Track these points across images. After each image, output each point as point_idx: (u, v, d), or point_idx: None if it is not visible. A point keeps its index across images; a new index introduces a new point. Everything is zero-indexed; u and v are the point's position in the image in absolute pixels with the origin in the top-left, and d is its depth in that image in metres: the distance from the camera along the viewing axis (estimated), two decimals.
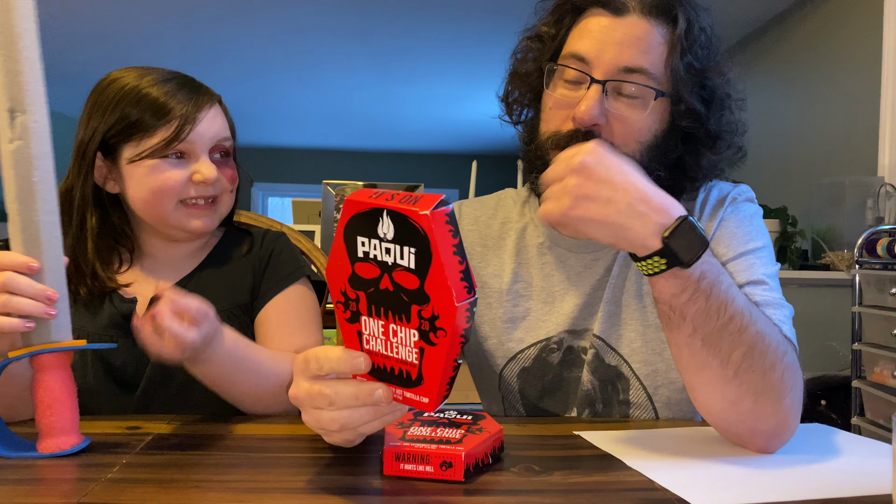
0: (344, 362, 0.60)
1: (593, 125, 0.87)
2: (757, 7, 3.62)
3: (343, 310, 0.61)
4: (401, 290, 0.56)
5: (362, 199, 0.56)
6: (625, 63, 0.86)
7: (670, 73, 0.87)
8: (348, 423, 0.61)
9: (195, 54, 4.67)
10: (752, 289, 0.86)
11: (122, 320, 0.99)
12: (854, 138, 2.98)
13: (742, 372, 0.72)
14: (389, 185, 2.23)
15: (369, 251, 0.57)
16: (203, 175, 0.98)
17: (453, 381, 0.59)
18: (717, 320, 0.71)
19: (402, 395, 0.60)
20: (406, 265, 0.55)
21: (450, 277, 0.54)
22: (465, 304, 0.55)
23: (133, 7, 3.86)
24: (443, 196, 0.54)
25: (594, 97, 0.86)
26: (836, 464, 0.73)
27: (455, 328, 0.55)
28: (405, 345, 0.58)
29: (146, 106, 0.97)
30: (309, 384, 0.62)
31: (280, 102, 6.20)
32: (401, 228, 0.55)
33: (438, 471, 0.65)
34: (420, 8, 3.83)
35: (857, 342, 1.99)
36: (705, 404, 0.78)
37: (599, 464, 0.72)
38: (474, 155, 3.37)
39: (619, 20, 0.87)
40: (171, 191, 0.97)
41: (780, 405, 0.74)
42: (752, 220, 0.95)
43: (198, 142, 0.98)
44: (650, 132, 0.89)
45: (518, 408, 1.02)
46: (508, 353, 1.00)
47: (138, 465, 0.69)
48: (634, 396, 0.96)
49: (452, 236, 0.55)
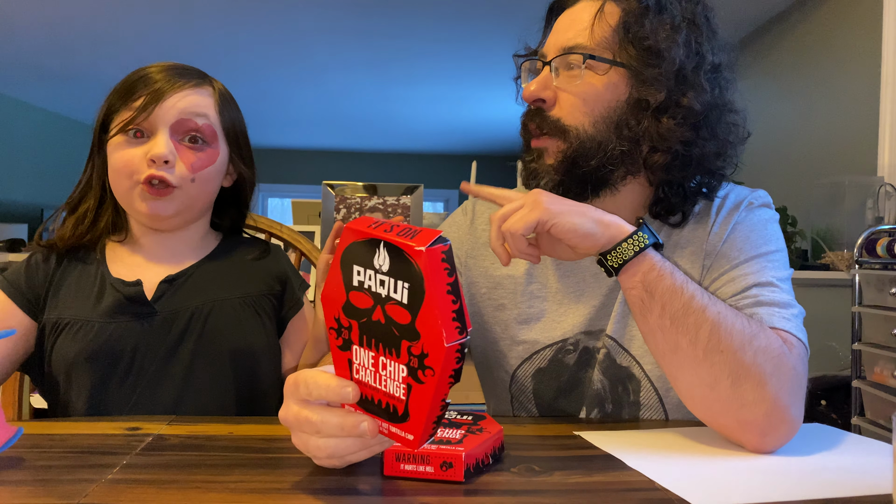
0: (332, 391, 0.60)
1: (537, 100, 0.92)
2: (756, 7, 3.62)
3: (336, 336, 0.60)
4: (392, 324, 0.55)
5: (361, 228, 0.56)
6: (563, 43, 0.91)
7: (618, 44, 0.89)
8: (335, 452, 0.61)
9: (195, 55, 4.66)
10: (760, 290, 0.86)
11: (128, 304, 0.98)
12: (853, 138, 2.98)
13: (710, 352, 0.75)
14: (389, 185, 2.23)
15: (364, 281, 0.56)
16: (154, 152, 0.95)
17: (440, 420, 0.58)
18: (681, 297, 0.77)
19: (388, 430, 0.59)
20: (399, 299, 0.54)
21: (441, 317, 0.52)
22: (456, 346, 0.54)
23: (133, 9, 3.86)
24: (441, 232, 0.53)
25: (540, 77, 0.92)
26: (837, 463, 0.73)
27: (444, 368, 0.54)
28: (394, 379, 0.57)
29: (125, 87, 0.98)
30: (297, 408, 0.62)
31: (280, 103, 6.20)
32: (396, 262, 0.54)
33: (438, 471, 0.65)
34: (420, 9, 3.83)
35: (856, 342, 1.99)
36: (688, 392, 0.79)
37: (600, 464, 0.72)
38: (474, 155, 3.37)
39: (571, 10, 0.93)
40: (125, 169, 0.96)
41: (763, 391, 0.75)
42: (766, 225, 0.95)
43: (158, 119, 0.96)
44: (602, 103, 0.89)
45: (530, 408, 1.01)
46: (523, 353, 1.00)
47: (138, 465, 0.69)
48: (645, 398, 0.96)
49: (448, 275, 0.53)
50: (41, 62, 4.92)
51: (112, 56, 4.68)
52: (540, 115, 0.92)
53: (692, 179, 0.93)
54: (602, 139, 0.89)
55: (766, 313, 0.83)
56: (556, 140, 0.90)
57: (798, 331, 0.83)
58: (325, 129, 7.33)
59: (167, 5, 3.82)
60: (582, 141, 0.89)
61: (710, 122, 0.90)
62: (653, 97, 0.87)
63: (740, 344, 0.75)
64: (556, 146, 0.91)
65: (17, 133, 6.02)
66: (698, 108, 0.88)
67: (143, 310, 0.98)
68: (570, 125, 0.90)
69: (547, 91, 0.91)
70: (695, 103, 0.87)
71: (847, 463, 0.74)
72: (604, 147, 0.89)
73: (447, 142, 7.85)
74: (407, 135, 7.56)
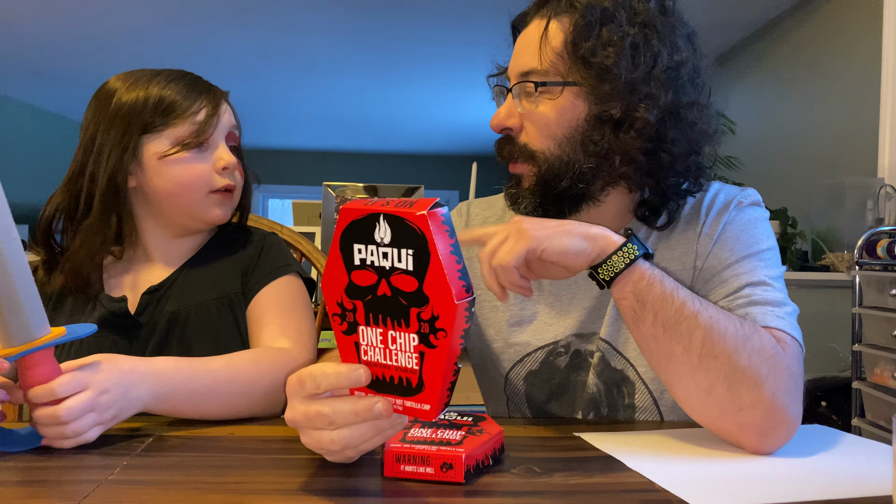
0: (343, 377, 0.60)
1: (504, 129, 0.93)
2: (756, 9, 3.62)
3: (340, 321, 0.61)
4: (399, 294, 0.56)
5: (358, 207, 0.57)
6: (519, 68, 0.91)
7: (567, 63, 0.87)
8: (350, 441, 0.61)
9: (194, 57, 4.67)
10: (753, 289, 0.86)
11: (113, 319, 0.99)
12: (854, 139, 2.98)
13: (705, 357, 0.75)
14: (390, 187, 2.23)
15: (366, 258, 0.57)
16: (226, 161, 1.02)
17: (453, 387, 0.59)
18: (672, 304, 0.76)
19: (403, 405, 0.59)
20: (404, 267, 0.55)
21: (449, 276, 0.54)
22: (465, 303, 0.55)
23: (134, 10, 3.87)
24: (437, 199, 0.55)
25: (505, 105, 0.93)
26: (837, 465, 0.73)
27: (455, 328, 0.55)
28: (405, 351, 0.57)
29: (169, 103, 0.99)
30: (305, 405, 0.62)
31: (280, 104, 6.21)
32: (398, 231, 0.55)
33: (439, 472, 0.65)
34: (419, 10, 3.84)
35: (857, 343, 1.99)
36: (684, 398, 0.79)
37: (600, 465, 0.72)
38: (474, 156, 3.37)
39: (525, 31, 0.93)
40: (200, 181, 1.01)
41: (759, 394, 0.75)
42: (756, 223, 0.94)
43: (218, 131, 1.03)
44: (564, 125, 0.89)
45: (524, 410, 1.01)
46: (515, 355, 1.00)
47: (139, 466, 0.69)
48: (640, 400, 0.96)
49: (449, 236, 0.55)
50: (41, 63, 4.93)
51: (112, 57, 4.69)
52: (510, 143, 0.93)
53: (669, 180, 0.92)
54: (569, 158, 0.89)
55: (760, 312, 0.83)
56: (528, 164, 0.91)
57: (792, 329, 0.83)
58: (325, 130, 7.33)
59: (167, 7, 3.82)
60: (550, 163, 0.89)
61: (676, 125, 0.88)
62: (612, 111, 0.86)
63: (734, 347, 0.75)
64: (528, 170, 0.92)
65: (18, 134, 6.02)
66: (653, 119, 0.86)
67: (127, 323, 1.00)
68: (537, 150, 0.90)
69: (512, 119, 0.92)
70: (648, 115, 0.85)
71: (847, 464, 0.74)
72: (572, 166, 0.89)
73: (448, 143, 7.85)
74: (407, 136, 7.56)
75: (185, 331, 1.01)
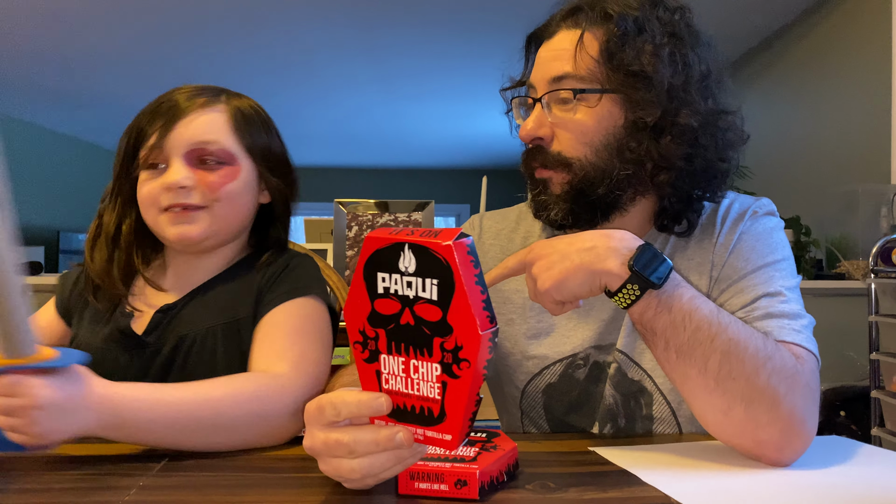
0: (364, 405, 0.59)
1: (536, 139, 0.93)
2: (765, 17, 3.62)
3: (361, 349, 0.61)
4: (422, 324, 0.57)
5: (383, 236, 0.57)
6: (552, 74, 0.90)
7: (604, 71, 0.88)
8: (370, 471, 0.60)
9: (205, 76, 4.73)
10: (769, 300, 0.86)
11: (119, 335, 0.98)
12: (866, 146, 2.96)
13: (722, 379, 0.74)
14: (401, 203, 2.24)
15: (390, 286, 0.57)
16: (171, 180, 0.96)
17: (475, 417, 0.58)
18: (683, 331, 0.75)
19: (424, 435, 0.59)
20: (428, 297, 0.56)
21: (473, 307, 0.54)
22: (489, 334, 0.55)
23: (145, 32, 3.92)
24: (462, 230, 0.55)
25: (534, 115, 0.92)
26: (856, 476, 0.73)
27: (479, 358, 0.55)
28: (427, 380, 0.57)
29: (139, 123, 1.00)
30: (325, 433, 0.61)
31: (291, 122, 6.26)
32: (423, 261, 0.55)
33: (453, 489, 0.65)
34: (428, 26, 3.87)
35: (874, 352, 1.96)
36: (701, 417, 0.79)
37: (615, 480, 0.71)
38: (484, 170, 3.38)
39: (550, 41, 0.93)
40: (148, 200, 0.98)
41: (777, 411, 0.74)
42: (771, 233, 0.94)
43: (170, 150, 0.97)
44: (602, 132, 0.89)
45: (541, 423, 1.01)
46: (533, 368, 0.99)
47: (155, 486, 0.69)
48: (658, 411, 0.95)
49: (474, 266, 0.55)
50: (56, 86, 5.00)
51: (127, 79, 4.75)
52: (541, 152, 0.92)
53: (698, 187, 0.92)
54: (606, 166, 0.89)
55: (777, 326, 0.83)
56: (561, 172, 0.91)
57: (809, 342, 0.83)
58: (335, 146, 7.38)
59: (180, 29, 3.88)
60: (586, 171, 0.89)
61: (709, 132, 0.89)
62: (649, 118, 0.87)
63: (753, 368, 0.74)
64: (560, 178, 0.91)
65: (33, 156, 6.10)
66: (695, 125, 0.87)
67: (132, 342, 0.98)
68: (572, 157, 0.90)
69: (543, 129, 0.92)
70: (691, 120, 0.87)
71: (867, 475, 0.73)
72: (608, 173, 0.89)
73: (457, 157, 7.87)
74: (417, 151, 7.60)
75: (188, 356, 0.97)
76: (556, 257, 0.76)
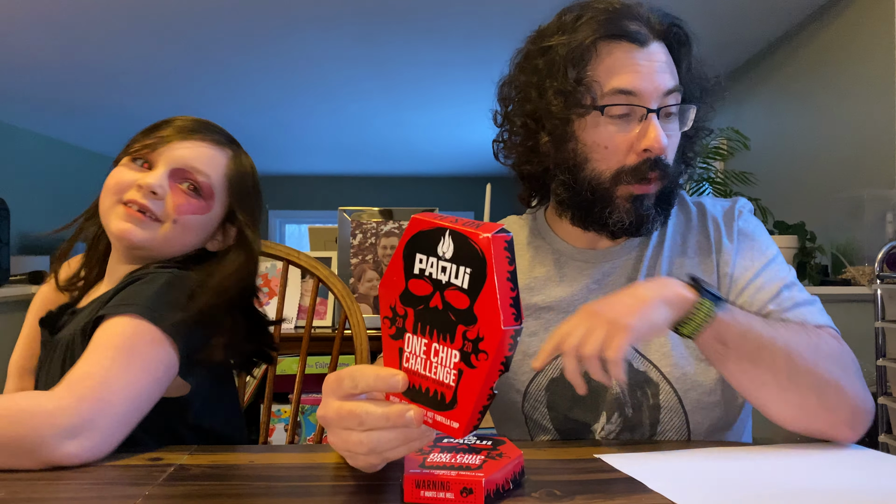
0: (381, 379, 0.61)
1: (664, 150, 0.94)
2: (768, 24, 3.62)
3: (389, 325, 0.63)
4: (450, 309, 0.58)
5: (427, 219, 0.59)
6: (665, 87, 0.92)
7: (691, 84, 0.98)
8: (377, 446, 0.61)
9: (210, 88, 4.75)
10: (790, 291, 0.94)
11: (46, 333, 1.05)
12: (871, 151, 2.96)
13: (793, 375, 0.80)
14: (405, 210, 2.24)
15: (425, 269, 0.59)
16: (142, 180, 0.98)
17: (485, 411, 0.59)
18: (750, 337, 0.79)
19: (433, 419, 0.60)
20: (459, 284, 0.57)
21: (500, 301, 0.55)
22: (511, 331, 0.56)
23: (149, 43, 3.94)
24: (503, 225, 0.57)
25: (659, 126, 0.91)
26: (866, 484, 0.72)
27: (497, 353, 0.56)
28: (444, 365, 0.59)
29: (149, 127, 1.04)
30: (339, 403, 0.63)
31: (295, 131, 6.28)
32: (460, 249, 0.57)
33: (459, 497, 0.65)
34: (431, 34, 3.88)
35: (881, 358, 1.95)
36: (780, 417, 0.83)
37: (622, 487, 0.71)
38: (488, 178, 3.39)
39: (645, 50, 0.92)
40: (115, 186, 1.00)
41: (843, 392, 0.81)
42: (761, 230, 1.03)
43: (163, 157, 1.00)
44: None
45: (545, 424, 1.01)
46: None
47: (161, 496, 0.69)
48: (665, 400, 0.96)
49: (508, 263, 0.57)
50: (61, 96, 5.03)
51: (132, 89, 4.77)
52: (659, 163, 0.92)
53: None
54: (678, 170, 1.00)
55: (808, 312, 0.91)
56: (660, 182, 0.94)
57: (831, 321, 0.92)
58: (340, 154, 7.40)
59: (185, 39, 3.90)
60: (673, 177, 0.96)
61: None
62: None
63: (813, 360, 0.80)
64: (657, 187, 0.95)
65: (38, 166, 6.14)
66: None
67: (46, 338, 1.05)
68: (671, 166, 0.95)
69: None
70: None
71: (877, 483, 0.73)
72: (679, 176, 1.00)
73: (462, 165, 7.89)
74: (421, 158, 7.61)
75: (65, 359, 0.96)
76: (626, 300, 0.78)
